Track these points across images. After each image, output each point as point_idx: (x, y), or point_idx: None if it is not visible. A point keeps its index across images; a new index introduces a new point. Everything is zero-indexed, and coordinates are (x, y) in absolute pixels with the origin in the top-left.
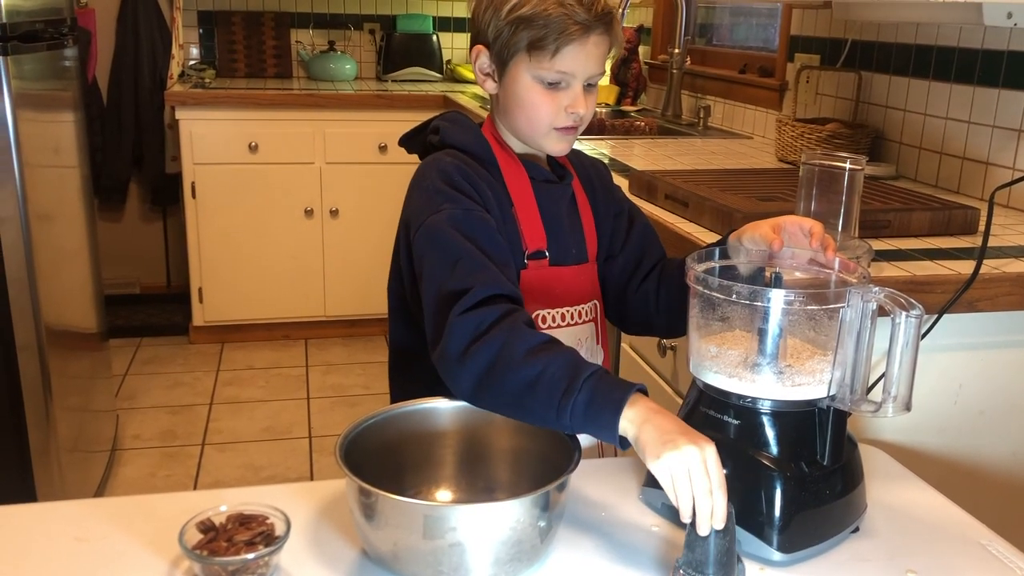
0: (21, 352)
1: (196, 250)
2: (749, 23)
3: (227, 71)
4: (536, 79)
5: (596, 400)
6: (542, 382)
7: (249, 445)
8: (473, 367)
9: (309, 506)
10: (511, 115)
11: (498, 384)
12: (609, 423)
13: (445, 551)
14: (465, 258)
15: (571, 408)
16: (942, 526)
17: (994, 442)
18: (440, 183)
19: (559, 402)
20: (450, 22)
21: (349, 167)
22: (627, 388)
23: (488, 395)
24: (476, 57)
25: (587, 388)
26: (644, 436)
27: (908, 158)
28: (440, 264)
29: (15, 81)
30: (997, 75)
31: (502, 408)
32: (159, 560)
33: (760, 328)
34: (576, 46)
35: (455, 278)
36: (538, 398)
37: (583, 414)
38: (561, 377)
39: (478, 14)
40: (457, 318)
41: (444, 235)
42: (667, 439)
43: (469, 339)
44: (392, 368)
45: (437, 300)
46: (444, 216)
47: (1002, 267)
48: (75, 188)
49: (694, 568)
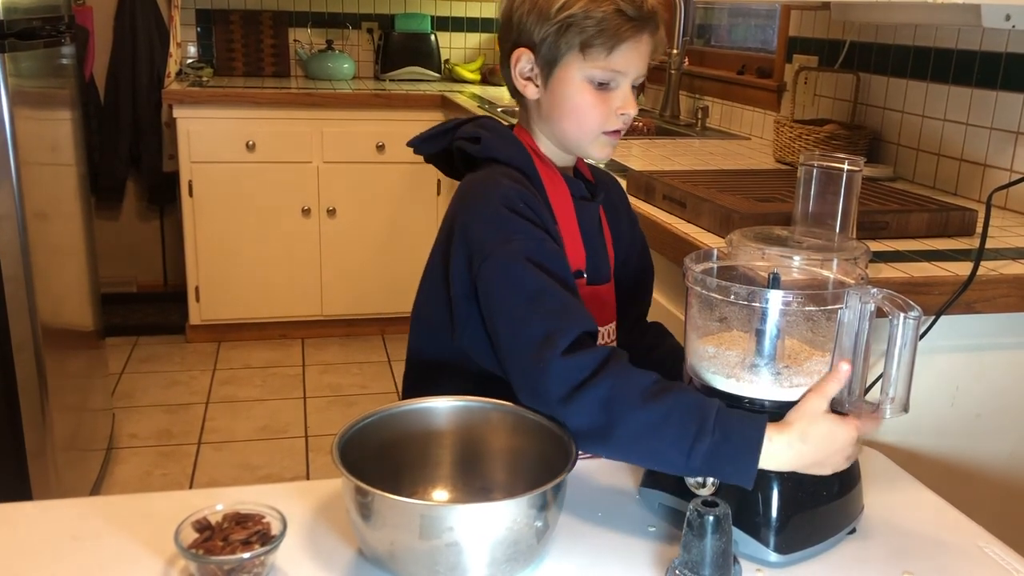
0: (17, 350)
1: (193, 249)
2: (747, 24)
3: (225, 70)
4: (587, 80)
5: (731, 439)
6: (669, 424)
7: (245, 444)
8: (583, 411)
9: (305, 505)
10: (557, 121)
11: (615, 427)
12: (747, 464)
13: (442, 551)
14: (548, 295)
15: (706, 450)
16: (939, 528)
17: (991, 444)
18: (504, 210)
19: (691, 444)
20: (448, 21)
21: (347, 166)
22: (758, 423)
23: (602, 438)
24: (517, 61)
25: (719, 429)
26: (795, 465)
27: (906, 159)
28: (520, 302)
29: (12, 79)
30: (995, 77)
31: (617, 449)
32: (155, 559)
33: (758, 329)
34: (630, 44)
35: (541, 317)
36: (664, 440)
37: (717, 455)
38: (690, 419)
39: (519, 17)
40: (558, 360)
41: (520, 270)
42: (815, 471)
43: (575, 382)
44: (409, 379)
45: (521, 340)
46: (517, 249)
47: (1000, 269)
48: (72, 186)
49: (690, 569)
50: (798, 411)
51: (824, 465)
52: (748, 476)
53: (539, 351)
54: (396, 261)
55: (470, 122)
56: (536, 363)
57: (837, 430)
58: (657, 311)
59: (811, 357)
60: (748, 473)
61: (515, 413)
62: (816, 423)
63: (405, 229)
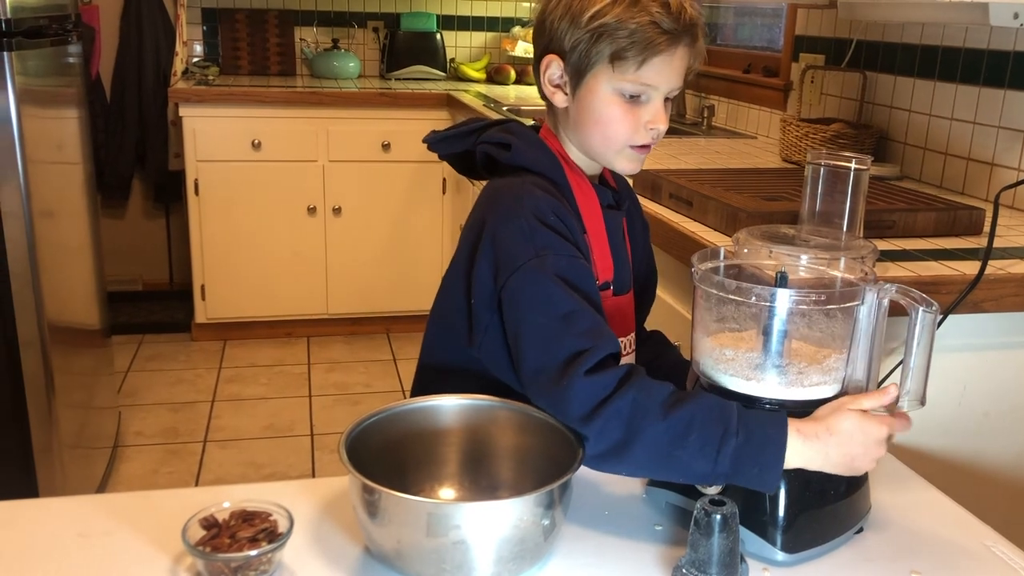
0: (24, 348)
1: (199, 247)
2: (754, 23)
3: (231, 68)
4: (616, 92)
5: (755, 439)
6: (693, 431)
7: (251, 442)
8: (604, 428)
9: (312, 503)
10: (584, 130)
11: (636, 441)
12: (772, 462)
13: (448, 549)
14: (577, 314)
15: (732, 453)
16: (946, 527)
17: (998, 443)
18: (536, 222)
19: (717, 450)
20: (454, 20)
21: (352, 165)
22: (780, 420)
23: (623, 454)
24: (547, 67)
25: (743, 430)
26: (822, 468)
27: (913, 159)
28: (549, 321)
29: (19, 77)
30: (1003, 76)
31: (640, 464)
32: (162, 556)
33: (771, 328)
34: (663, 58)
35: (569, 335)
36: (689, 448)
37: (742, 457)
38: (712, 425)
39: (552, 22)
40: (580, 380)
41: (551, 288)
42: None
43: (597, 400)
44: (420, 382)
45: (547, 359)
46: (547, 264)
47: (1007, 268)
48: (78, 185)
49: (697, 568)
50: (827, 407)
51: (853, 463)
52: (774, 476)
53: (563, 370)
54: (401, 260)
55: (495, 125)
56: (558, 382)
57: (866, 425)
58: (663, 309)
59: (829, 356)
60: (774, 472)
61: (522, 412)
62: (844, 417)
63: (410, 228)
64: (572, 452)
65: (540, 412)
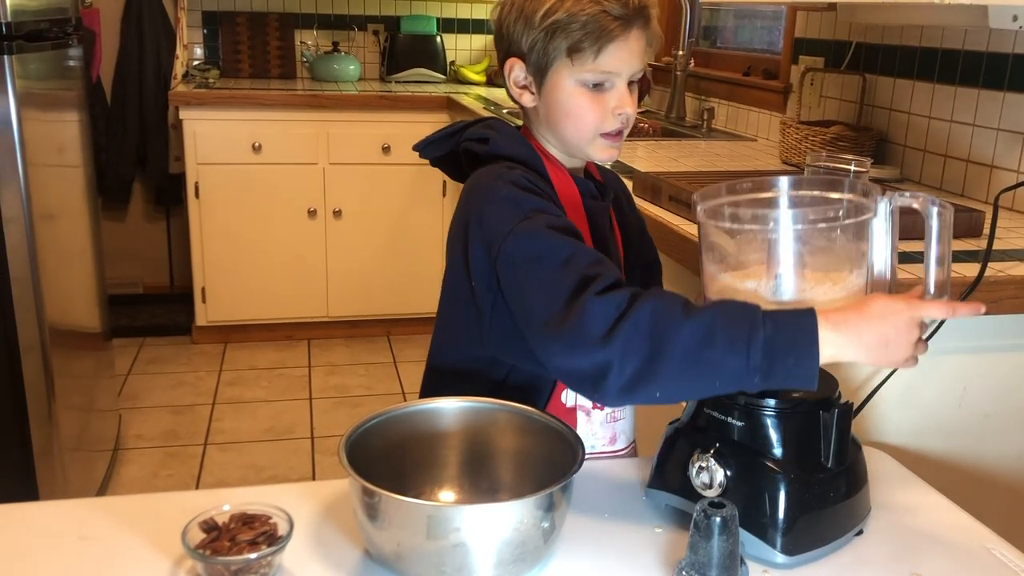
0: (24, 351)
1: (199, 250)
2: (753, 25)
3: (231, 71)
4: (579, 83)
5: (785, 329)
6: (718, 329)
7: (251, 445)
8: (628, 343)
9: (312, 506)
10: (555, 126)
11: (664, 350)
12: (808, 348)
13: (448, 551)
14: (578, 254)
15: (763, 344)
16: (946, 530)
17: (999, 445)
18: (518, 191)
19: (747, 343)
20: (454, 23)
21: (352, 168)
22: (807, 312)
23: (656, 368)
24: (510, 71)
25: (770, 322)
26: (858, 356)
27: (912, 161)
28: (549, 268)
29: (20, 80)
30: (1002, 78)
31: (673, 378)
32: (162, 559)
33: (788, 252)
34: (618, 43)
35: (572, 273)
36: (718, 348)
37: (775, 347)
38: (737, 320)
39: (507, 26)
40: (593, 300)
41: (544, 239)
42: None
43: (614, 316)
44: (428, 385)
45: (557, 296)
46: (539, 221)
47: (1007, 270)
48: (79, 188)
49: (697, 570)
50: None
51: (888, 347)
52: (811, 365)
53: (573, 300)
54: (402, 262)
55: (477, 123)
56: (570, 312)
57: (897, 305)
58: None
59: (848, 274)
60: (810, 360)
61: (522, 414)
62: (874, 300)
63: (411, 230)
64: (572, 454)
65: (540, 415)
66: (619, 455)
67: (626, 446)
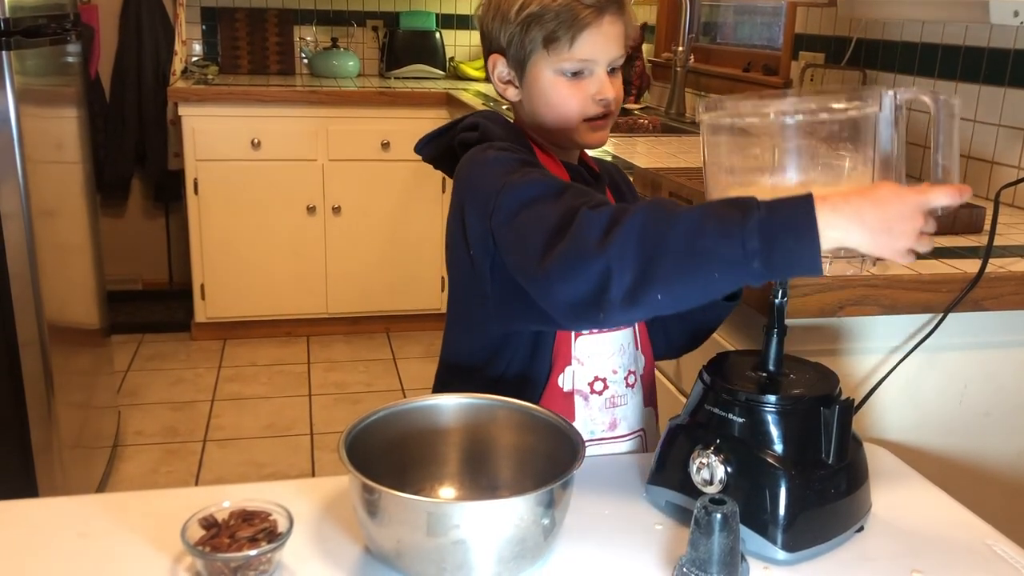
0: (23, 348)
1: (198, 247)
2: (753, 21)
3: (230, 67)
4: (558, 72)
5: (780, 210)
6: (709, 219)
7: (251, 442)
8: (623, 246)
9: (312, 503)
10: (539, 116)
11: (659, 245)
12: (806, 227)
13: (448, 548)
14: (571, 189)
15: (758, 226)
16: (947, 526)
17: (999, 442)
18: (504, 154)
19: (741, 227)
20: (453, 19)
21: (352, 164)
22: (804, 196)
23: (653, 268)
24: (493, 67)
25: (764, 206)
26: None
27: (912, 157)
28: (544, 204)
29: (18, 77)
30: (1003, 74)
31: (670, 274)
32: (162, 556)
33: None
34: (592, 31)
35: (565, 202)
36: (711, 235)
37: (771, 228)
38: (728, 209)
39: (486, 24)
40: (587, 212)
41: (536, 183)
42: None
43: (607, 221)
44: (439, 380)
45: (550, 228)
46: (529, 173)
47: (1008, 266)
48: (78, 184)
49: (698, 567)
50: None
51: (892, 232)
52: (812, 244)
53: (568, 219)
54: (401, 259)
55: (473, 115)
56: (567, 227)
57: (903, 190)
58: None
59: (855, 170)
60: (811, 240)
61: (522, 411)
62: (880, 185)
63: (410, 227)
64: (572, 451)
65: (541, 411)
66: (620, 441)
67: (629, 433)
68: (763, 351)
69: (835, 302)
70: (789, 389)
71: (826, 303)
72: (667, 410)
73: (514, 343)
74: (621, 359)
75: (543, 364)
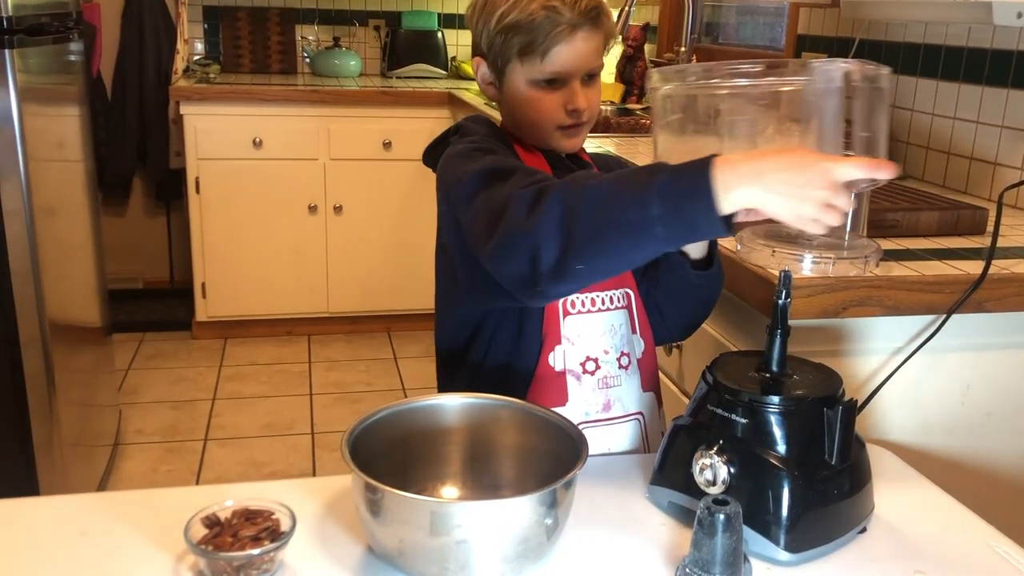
0: (25, 346)
1: (199, 245)
2: (756, 22)
3: (232, 66)
4: (532, 82)
5: (683, 173)
6: (619, 187)
7: (251, 441)
8: (545, 219)
9: (314, 502)
10: (516, 119)
11: (575, 215)
12: (703, 187)
13: (451, 548)
14: (520, 171)
15: (659, 192)
16: (950, 527)
17: (1002, 443)
18: (468, 146)
19: (646, 194)
20: (455, 19)
21: (353, 163)
22: (706, 158)
23: (571, 238)
24: (477, 68)
25: (669, 170)
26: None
27: (915, 158)
28: (493, 188)
29: (20, 75)
30: (1006, 75)
31: (586, 246)
32: (164, 555)
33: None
34: (564, 45)
35: (511, 184)
36: (620, 203)
37: (672, 191)
38: (641, 174)
39: (473, 26)
40: (515, 193)
41: (487, 169)
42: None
43: (531, 200)
44: (440, 367)
45: (495, 212)
46: (486, 161)
47: (1011, 268)
48: (79, 182)
49: (701, 567)
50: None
51: (797, 197)
52: (709, 205)
53: (509, 197)
54: (402, 258)
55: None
56: (506, 205)
57: (811, 156)
58: None
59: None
60: (708, 200)
61: (524, 410)
62: (790, 149)
63: (411, 226)
64: (575, 451)
65: (543, 410)
66: (616, 423)
67: (624, 415)
68: (766, 351)
69: (838, 303)
70: (792, 390)
71: (829, 304)
72: (669, 411)
73: (496, 323)
74: (612, 339)
75: (532, 344)
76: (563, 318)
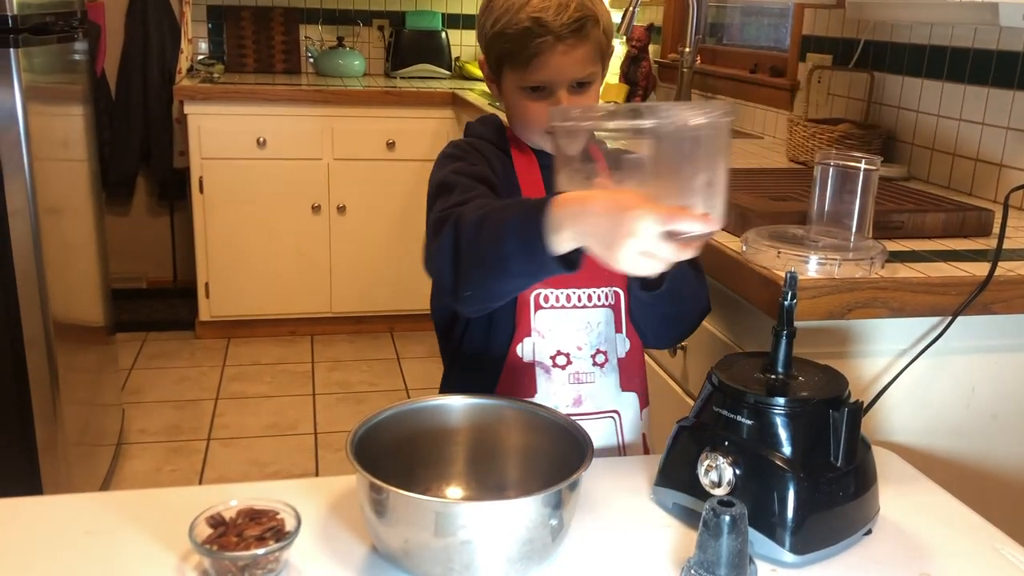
0: (29, 346)
1: (203, 245)
2: (760, 22)
3: (236, 66)
4: (519, 88)
5: (530, 210)
6: (493, 218)
7: (254, 440)
8: (443, 247)
9: (319, 502)
10: (511, 120)
11: (460, 247)
12: (542, 231)
13: (456, 548)
14: (459, 188)
15: (514, 230)
16: (955, 529)
17: (1007, 445)
18: (449, 150)
19: (503, 225)
20: (459, 19)
21: (357, 163)
22: (546, 198)
23: (461, 266)
24: (482, 68)
25: (525, 205)
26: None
27: (920, 159)
28: (437, 200)
29: (25, 74)
30: (1012, 76)
31: (470, 274)
32: (168, 554)
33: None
34: (547, 56)
35: (440, 203)
36: (488, 235)
37: (520, 233)
38: (508, 207)
39: (478, 28)
40: (435, 216)
41: (442, 179)
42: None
43: (436, 225)
44: (440, 339)
45: (431, 226)
46: (447, 170)
47: (1017, 270)
48: (83, 182)
49: (705, 568)
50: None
51: (605, 241)
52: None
53: (433, 219)
54: (405, 258)
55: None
56: (431, 222)
57: (630, 201)
58: None
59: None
60: (544, 240)
61: (529, 411)
62: (616, 192)
63: (415, 226)
64: (580, 452)
65: (547, 411)
66: (587, 418)
67: (596, 411)
68: (772, 353)
69: (844, 305)
70: (798, 391)
71: (835, 306)
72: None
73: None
74: (588, 336)
75: (502, 333)
76: (534, 311)
